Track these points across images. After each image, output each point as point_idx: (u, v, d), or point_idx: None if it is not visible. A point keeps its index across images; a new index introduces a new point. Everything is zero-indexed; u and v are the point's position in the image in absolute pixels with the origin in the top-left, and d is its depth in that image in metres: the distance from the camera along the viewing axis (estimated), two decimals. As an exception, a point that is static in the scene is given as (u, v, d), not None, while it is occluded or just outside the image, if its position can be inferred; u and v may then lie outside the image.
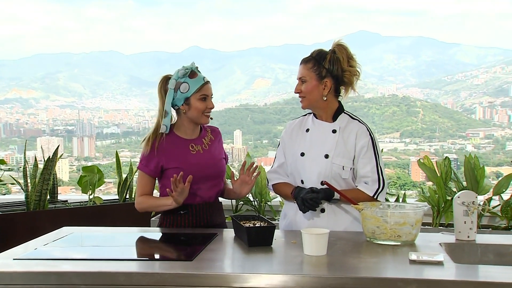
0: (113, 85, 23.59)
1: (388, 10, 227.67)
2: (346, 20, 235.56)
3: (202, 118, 2.46)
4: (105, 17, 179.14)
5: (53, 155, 3.80)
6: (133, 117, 14.12)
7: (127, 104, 20.79)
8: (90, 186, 3.90)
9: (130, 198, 4.07)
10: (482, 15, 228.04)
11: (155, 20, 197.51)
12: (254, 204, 3.98)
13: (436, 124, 13.03)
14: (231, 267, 1.87)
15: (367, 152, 2.40)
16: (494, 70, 16.06)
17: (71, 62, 28.88)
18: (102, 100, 21.05)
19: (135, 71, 27.70)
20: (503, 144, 11.53)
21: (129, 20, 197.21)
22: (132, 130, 12.45)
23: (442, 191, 3.65)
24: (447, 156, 3.85)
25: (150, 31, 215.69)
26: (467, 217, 2.18)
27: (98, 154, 10.11)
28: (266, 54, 30.52)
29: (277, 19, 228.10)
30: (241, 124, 18.38)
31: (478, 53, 26.60)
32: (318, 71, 2.42)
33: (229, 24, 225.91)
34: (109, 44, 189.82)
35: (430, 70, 23.02)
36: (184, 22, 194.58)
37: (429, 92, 16.37)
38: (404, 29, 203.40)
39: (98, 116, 14.83)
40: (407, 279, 1.64)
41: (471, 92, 15.05)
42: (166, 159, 2.44)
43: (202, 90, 2.42)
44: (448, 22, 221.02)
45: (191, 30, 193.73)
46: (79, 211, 3.80)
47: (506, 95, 14.11)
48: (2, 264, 1.80)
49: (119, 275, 1.69)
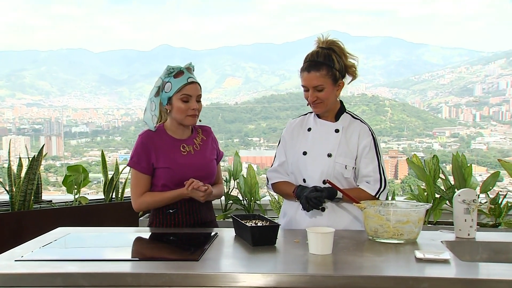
0: (81, 83, 23.14)
1: (357, 10, 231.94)
2: (316, 20, 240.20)
3: (185, 119, 2.44)
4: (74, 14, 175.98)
5: (38, 155, 3.75)
6: (102, 116, 13.90)
7: (96, 102, 20.43)
8: (75, 186, 3.85)
9: (117, 198, 4.04)
10: (448, 17, 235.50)
11: (124, 18, 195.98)
12: (243, 203, 3.98)
13: (404, 123, 13.22)
14: (238, 267, 1.87)
15: (370, 152, 2.44)
16: (459, 70, 16.41)
17: (38, 59, 28.21)
18: (71, 99, 20.62)
19: (104, 69, 27.23)
20: (468, 143, 11.79)
21: (98, 18, 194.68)
22: (101, 129, 12.25)
23: (431, 189, 3.69)
24: (435, 155, 3.89)
25: (119, 29, 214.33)
26: (467, 215, 2.22)
27: (66, 153, 9.93)
28: (236, 53, 30.47)
29: (247, 18, 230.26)
30: (211, 123, 18.35)
31: (444, 54, 27.10)
32: (333, 76, 2.42)
33: (199, 23, 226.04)
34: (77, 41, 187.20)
35: (398, 70, 23.39)
36: (154, 20, 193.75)
37: (397, 92, 16.63)
38: (373, 29, 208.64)
39: (66, 114, 14.53)
40: (419, 277, 1.67)
41: (438, 91, 15.33)
42: (156, 158, 2.43)
43: (183, 90, 2.40)
44: (416, 23, 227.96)
45: (161, 28, 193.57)
46: (65, 211, 3.76)
47: (471, 95, 14.42)
48: (5, 266, 1.80)
49: (126, 276, 1.70)
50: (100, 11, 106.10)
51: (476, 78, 15.59)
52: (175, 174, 2.42)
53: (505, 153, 11.29)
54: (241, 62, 25.32)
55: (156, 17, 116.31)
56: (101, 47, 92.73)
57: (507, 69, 15.44)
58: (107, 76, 24.80)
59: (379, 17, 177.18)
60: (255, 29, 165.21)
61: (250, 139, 11.97)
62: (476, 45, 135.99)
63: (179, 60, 29.86)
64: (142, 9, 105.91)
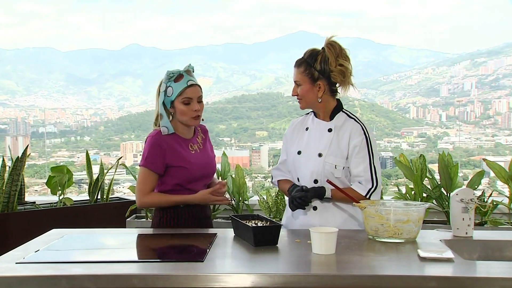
0: (49, 82, 22.69)
1: (327, 11, 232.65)
2: (287, 20, 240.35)
3: (189, 121, 2.49)
4: (41, 12, 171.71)
5: (22, 155, 3.67)
6: (71, 116, 13.67)
7: (64, 102, 20.07)
8: (59, 187, 3.79)
9: (102, 198, 3.99)
10: (414, 18, 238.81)
11: (93, 17, 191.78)
12: (231, 203, 3.98)
13: (373, 123, 13.41)
14: (244, 267, 1.85)
15: (361, 152, 2.41)
16: (426, 71, 16.75)
17: (3, 58, 27.54)
18: (38, 98, 20.20)
19: (73, 69, 26.77)
20: (435, 142, 12.03)
21: (66, 16, 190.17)
22: (70, 129, 12.07)
23: (419, 188, 3.71)
24: (422, 154, 3.92)
25: (88, 28, 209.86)
26: (465, 214, 2.22)
27: (33, 154, 9.74)
28: (207, 53, 30.38)
29: (218, 18, 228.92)
30: (182, 123, 18.19)
31: (411, 55, 27.62)
32: (310, 75, 2.41)
33: (170, 22, 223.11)
34: (44, 40, 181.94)
35: (367, 71, 23.68)
36: (123, 19, 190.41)
37: (366, 92, 16.85)
38: (342, 30, 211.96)
39: (33, 114, 14.24)
40: (427, 276, 1.66)
41: (405, 92, 15.62)
42: (171, 157, 2.45)
43: (184, 94, 2.45)
44: (383, 24, 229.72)
45: (130, 28, 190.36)
46: (49, 212, 3.68)
47: (437, 95, 14.74)
48: (6, 268, 1.75)
49: (133, 278, 1.67)
50: (68, 10, 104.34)
51: (442, 79, 15.94)
52: (188, 172, 2.47)
53: (470, 152, 11.56)
54: (211, 62, 25.25)
55: (125, 16, 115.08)
56: (69, 46, 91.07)
57: (472, 71, 15.84)
58: (75, 75, 24.39)
59: (347, 18, 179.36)
60: (226, 29, 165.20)
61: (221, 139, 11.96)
62: (441, 46, 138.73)
63: (150, 59, 29.38)
64: (111, 8, 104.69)
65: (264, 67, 27.89)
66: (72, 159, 11.07)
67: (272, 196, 3.94)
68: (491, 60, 15.68)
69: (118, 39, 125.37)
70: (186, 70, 2.50)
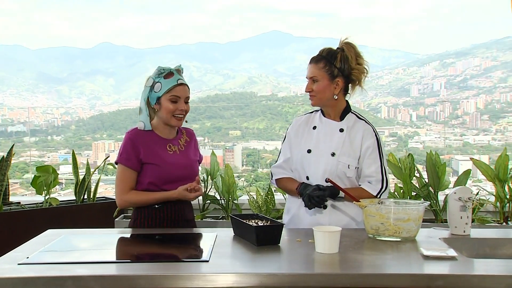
0: (18, 81, 22.25)
1: (300, 11, 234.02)
2: (260, 20, 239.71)
3: (171, 120, 2.47)
4: (8, 9, 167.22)
5: (8, 155, 3.61)
6: (40, 115, 13.42)
7: (34, 101, 19.70)
8: (45, 187, 3.72)
9: (89, 198, 3.94)
10: (385, 20, 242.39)
11: (63, 14, 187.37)
12: (220, 202, 3.96)
13: (345, 122, 13.62)
14: (250, 267, 1.85)
15: (373, 153, 2.46)
16: (396, 72, 17.01)
17: (-31, 55, 26.83)
18: (6, 97, 19.77)
19: (43, 67, 26.28)
20: (406, 142, 12.21)
21: (35, 13, 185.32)
22: (40, 129, 11.85)
23: (408, 187, 3.76)
24: (410, 153, 3.97)
25: (58, 25, 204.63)
26: (463, 212, 2.25)
27: (2, 153, 9.58)
28: (180, 52, 30.22)
29: (191, 17, 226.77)
30: (155, 122, 18.11)
31: (383, 55, 28.01)
32: (330, 71, 2.45)
33: (142, 21, 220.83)
34: (13, 37, 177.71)
35: (339, 71, 23.83)
36: (95, 17, 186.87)
37: (338, 92, 16.96)
38: (315, 30, 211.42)
39: (2, 113, 13.95)
40: (434, 274, 1.68)
41: (377, 92, 15.83)
42: (145, 153, 2.43)
43: (173, 91, 2.44)
44: (355, 25, 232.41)
45: (102, 26, 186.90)
46: (36, 213, 3.61)
47: (408, 95, 14.99)
48: (9, 269, 1.73)
49: (139, 278, 1.66)
50: (37, 7, 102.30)
51: (413, 79, 16.22)
52: (163, 171, 2.45)
53: (440, 151, 11.78)
54: (185, 61, 25.14)
55: (97, 14, 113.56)
56: (39, 44, 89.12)
57: (441, 71, 16.15)
58: (45, 73, 23.97)
59: (320, 18, 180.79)
60: (199, 28, 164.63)
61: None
62: (412, 47, 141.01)
63: (122, 58, 29.07)
64: (81, 5, 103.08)
65: (237, 67, 27.88)
66: (43, 158, 10.89)
67: (262, 196, 3.94)
68: (459, 61, 16.02)
69: (89, 37, 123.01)
70: (177, 69, 2.50)
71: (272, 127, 11.57)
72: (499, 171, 3.77)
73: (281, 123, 10.50)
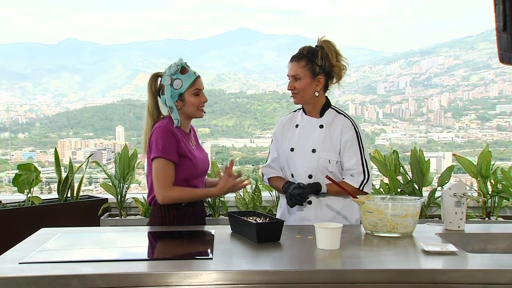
0: (-21, 77, 21.59)
1: (267, 9, 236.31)
2: (228, 17, 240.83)
3: (197, 113, 2.49)
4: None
5: None
6: (3, 112, 13.09)
7: (-5, 98, 19.16)
8: (26, 185, 3.64)
9: (72, 197, 3.86)
10: (352, 18, 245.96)
11: (26, 9, 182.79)
12: (207, 199, 3.96)
13: (313, 119, 13.74)
14: (253, 264, 1.86)
15: (352, 146, 2.50)
16: (363, 70, 17.24)
17: None
18: (-34, 94, 19.19)
19: (5, 63, 25.58)
20: (373, 139, 12.39)
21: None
22: (3, 126, 11.56)
23: (394, 183, 3.81)
24: (395, 150, 4.02)
25: (21, 20, 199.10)
26: (458, 208, 2.29)
27: (-38, 152, 9.29)
28: (148, 49, 29.88)
29: (159, 13, 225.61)
30: (123, 119, 17.89)
31: (350, 53, 28.30)
32: (311, 69, 2.49)
33: (109, 17, 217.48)
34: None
35: (307, 69, 23.99)
36: (59, 13, 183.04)
37: (306, 90, 17.09)
38: (283, 28, 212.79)
39: (-38, 111, 13.53)
40: (438, 270, 1.71)
41: (345, 90, 15.99)
42: (181, 148, 2.42)
43: (195, 85, 2.45)
44: (323, 23, 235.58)
45: (67, 22, 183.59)
46: (18, 212, 3.57)
47: (374, 93, 15.22)
48: (11, 269, 1.71)
49: (145, 276, 1.65)
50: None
51: (379, 77, 16.46)
52: (194, 166, 2.45)
53: (405, 148, 12.00)
54: (152, 58, 24.89)
55: (61, 9, 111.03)
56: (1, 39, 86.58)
57: (406, 69, 16.45)
58: (8, 70, 23.37)
59: (288, 16, 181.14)
60: (167, 25, 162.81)
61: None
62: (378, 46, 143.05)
63: (88, 54, 28.68)
64: (45, 0, 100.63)
65: (206, 64, 27.75)
66: (6, 157, 10.64)
67: (249, 193, 3.95)
68: (423, 59, 16.34)
69: (54, 33, 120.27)
70: (184, 62, 2.49)
71: (241, 125, 11.60)
72: (482, 167, 3.86)
73: (250, 121, 10.54)
